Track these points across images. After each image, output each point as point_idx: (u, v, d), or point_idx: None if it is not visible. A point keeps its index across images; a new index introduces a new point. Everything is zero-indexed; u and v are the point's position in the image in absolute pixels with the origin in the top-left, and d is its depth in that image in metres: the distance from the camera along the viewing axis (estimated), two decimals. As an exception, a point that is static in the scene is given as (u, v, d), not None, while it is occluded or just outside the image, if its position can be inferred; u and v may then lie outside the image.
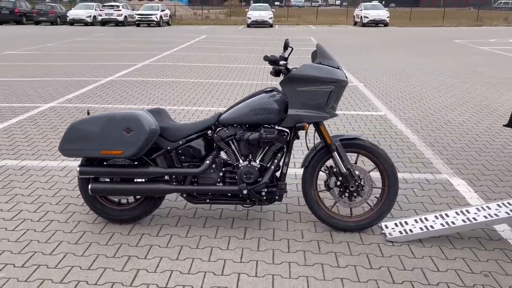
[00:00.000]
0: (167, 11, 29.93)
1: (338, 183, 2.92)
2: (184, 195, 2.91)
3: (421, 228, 2.89)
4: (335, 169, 2.92)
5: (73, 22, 28.36)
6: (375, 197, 3.09)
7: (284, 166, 2.91)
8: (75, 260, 2.58)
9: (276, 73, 2.85)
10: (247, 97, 2.90)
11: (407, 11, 39.41)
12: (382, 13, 28.42)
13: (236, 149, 2.89)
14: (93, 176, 2.87)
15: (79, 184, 2.95)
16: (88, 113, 2.89)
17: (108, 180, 2.90)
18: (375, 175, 3.24)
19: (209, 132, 2.92)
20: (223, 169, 2.92)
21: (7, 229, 2.94)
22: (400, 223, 3.02)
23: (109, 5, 28.83)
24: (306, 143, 3.03)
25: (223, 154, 2.95)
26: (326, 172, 2.96)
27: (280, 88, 2.89)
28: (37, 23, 29.10)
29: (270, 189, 2.90)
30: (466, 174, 4.04)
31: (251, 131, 2.87)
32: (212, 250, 2.72)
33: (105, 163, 2.92)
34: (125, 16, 28.31)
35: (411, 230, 2.89)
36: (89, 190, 2.84)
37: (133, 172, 2.83)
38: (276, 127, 2.90)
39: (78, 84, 8.16)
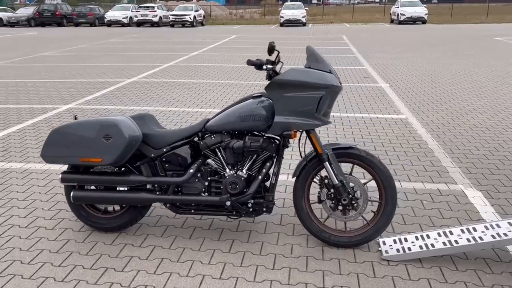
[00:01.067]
0: (201, 12, 30.17)
1: (331, 195, 2.72)
2: (168, 205, 2.80)
3: (420, 247, 2.64)
4: (326, 181, 2.72)
5: (110, 24, 29.12)
6: (372, 211, 2.87)
7: (273, 176, 2.75)
8: (51, 270, 2.52)
9: (270, 77, 2.69)
10: (235, 103, 2.75)
11: (449, 7, 37.89)
12: (420, 10, 27.43)
13: (223, 157, 2.75)
14: (75, 184, 2.81)
15: (65, 191, 2.90)
16: (76, 118, 2.83)
17: (91, 188, 2.84)
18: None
19: (196, 139, 2.79)
20: (209, 178, 2.78)
21: (-5, 234, 2.93)
22: (400, 239, 2.78)
23: (144, 7, 29.38)
24: (300, 152, 2.85)
25: (209, 163, 2.82)
26: (318, 183, 2.77)
27: None
28: (77, 25, 30.09)
29: (257, 201, 2.74)
30: (484, 185, 3.72)
31: (239, 138, 2.72)
32: (193, 264, 2.59)
33: (91, 170, 2.86)
34: (160, 17, 28.76)
35: (409, 248, 2.65)
36: (71, 198, 2.78)
37: (114, 180, 2.75)
38: (267, 135, 2.73)
39: (101, 85, 8.27)
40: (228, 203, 2.69)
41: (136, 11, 28.94)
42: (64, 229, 2.99)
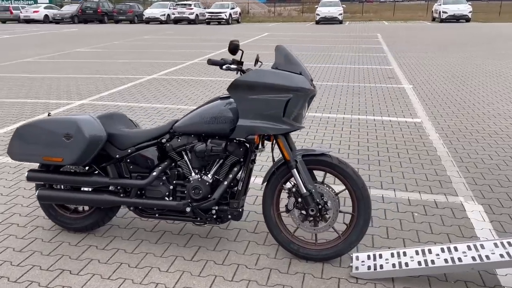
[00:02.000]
0: (237, 9, 30.20)
1: (299, 205, 2.55)
2: (132, 208, 2.72)
3: (393, 265, 2.43)
4: (294, 189, 2.55)
5: (148, 21, 29.67)
6: (344, 223, 2.67)
7: (240, 182, 2.60)
8: (8, 270, 2.50)
9: None
10: (204, 103, 2.63)
11: (499, 4, 36.00)
12: (463, 8, 26.20)
13: (189, 160, 2.64)
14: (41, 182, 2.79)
15: (35, 189, 2.88)
16: (49, 115, 2.80)
17: (57, 187, 2.80)
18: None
19: (164, 140, 2.69)
20: (174, 182, 2.68)
21: (-31, 229, 2.96)
22: (374, 255, 2.57)
23: (181, 4, 29.73)
24: (273, 157, 2.69)
25: (176, 166, 2.71)
26: (286, 191, 2.60)
27: None
28: (117, 21, 30.91)
29: (221, 208, 2.61)
30: (488, 198, 3.41)
31: (205, 141, 2.60)
32: (150, 271, 2.49)
33: (60, 169, 2.83)
34: (197, 15, 29.01)
35: (381, 266, 2.44)
36: (36, 196, 2.76)
37: (77, 181, 2.69)
38: (233, 138, 2.59)
39: (119, 82, 8.37)
40: (188, 209, 2.58)
41: (174, 9, 29.34)
42: (35, 227, 2.98)
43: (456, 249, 2.44)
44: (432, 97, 6.89)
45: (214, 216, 2.61)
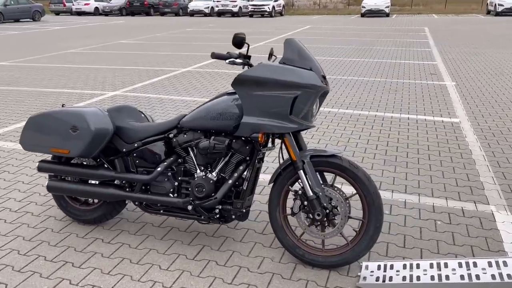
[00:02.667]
0: (281, 1, 29.93)
1: (306, 208, 2.41)
2: (137, 203, 2.69)
3: (404, 278, 2.25)
4: (301, 192, 2.42)
5: (193, 13, 30.00)
6: (354, 230, 2.51)
7: (245, 182, 2.50)
8: (14, 259, 2.53)
9: None
10: (212, 98, 2.54)
11: None
12: (522, 0, 24.60)
13: (194, 157, 2.57)
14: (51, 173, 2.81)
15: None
16: (63, 106, 2.81)
17: (66, 179, 2.81)
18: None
19: (171, 135, 2.63)
20: (180, 178, 2.62)
21: (-13, 216, 3.04)
22: (385, 266, 2.40)
23: (226, -3, 29.80)
24: (279, 157, 2.57)
25: (182, 162, 2.64)
26: (292, 193, 2.47)
27: None
28: (163, 14, 31.46)
29: (224, 207, 2.52)
30: (523, 208, 3.12)
31: (210, 138, 2.51)
32: (150, 268, 2.45)
33: (71, 161, 2.84)
34: (240, 7, 29.00)
35: (391, 278, 2.27)
36: (46, 187, 2.78)
37: (85, 173, 2.69)
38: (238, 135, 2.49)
39: (154, 74, 8.47)
40: (189, 207, 2.50)
41: (217, 1, 29.47)
42: (48, 217, 3.02)
43: (475, 264, 2.22)
44: (475, 96, 6.46)
45: (218, 216, 2.53)
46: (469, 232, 2.83)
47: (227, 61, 2.36)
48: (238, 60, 2.37)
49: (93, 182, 2.73)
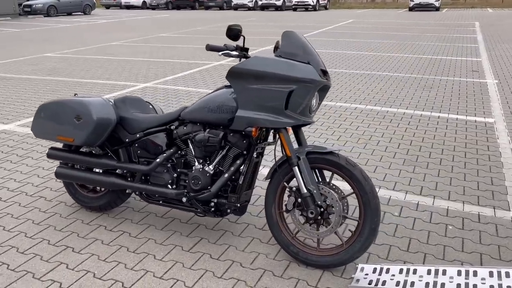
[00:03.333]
0: (325, -5, 29.45)
1: (300, 205, 2.35)
2: (137, 193, 2.73)
3: (398, 283, 2.15)
4: (295, 188, 2.36)
5: (236, 7, 30.13)
6: (350, 230, 2.42)
7: (241, 176, 2.47)
8: (20, 241, 2.64)
9: None
10: (213, 91, 2.53)
11: None
12: None
13: (193, 149, 2.57)
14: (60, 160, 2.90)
15: (59, 166, 3.02)
16: (75, 96, 2.89)
17: (73, 166, 2.90)
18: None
19: (173, 127, 2.64)
20: (179, 170, 2.63)
21: None
22: (381, 269, 2.30)
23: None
24: (274, 153, 2.52)
25: (182, 154, 2.65)
26: (285, 188, 2.42)
27: None
28: (207, 8, 31.79)
29: (219, 201, 2.51)
30: (547, 217, 2.90)
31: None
32: (145, 258, 2.48)
33: (80, 150, 2.92)
34: (284, 1, 28.79)
35: (384, 282, 2.17)
36: (54, 173, 2.88)
37: (89, 161, 2.76)
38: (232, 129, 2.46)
39: (187, 66, 8.57)
40: (184, 199, 2.51)
41: (261, -5, 29.41)
42: (59, 202, 3.13)
43: (475, 273, 2.09)
44: (517, 95, 6.08)
45: (213, 209, 2.52)
46: (481, 239, 2.67)
47: (220, 53, 2.33)
48: (234, 53, 2.34)
49: (97, 170, 2.80)
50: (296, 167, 2.31)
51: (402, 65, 8.43)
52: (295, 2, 27.92)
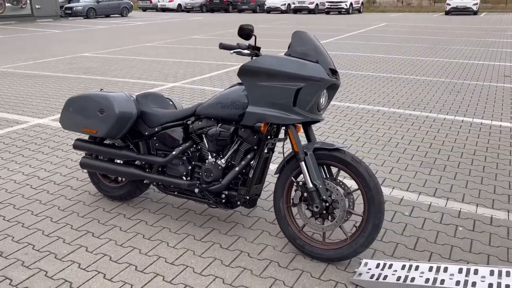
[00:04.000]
0: (359, -2, 29.20)
1: (306, 200, 2.43)
2: (154, 184, 2.88)
3: (398, 278, 2.19)
4: (301, 183, 2.44)
5: (269, 10, 30.32)
6: (354, 225, 2.48)
7: (251, 170, 2.57)
8: (46, 224, 2.84)
9: None
10: (227, 88, 2.65)
11: None
12: None
13: (207, 143, 2.69)
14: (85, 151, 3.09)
15: (85, 158, 3.21)
16: (101, 90, 3.08)
17: (97, 157, 3.08)
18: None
19: (189, 122, 2.78)
20: (193, 163, 2.76)
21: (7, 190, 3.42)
22: (384, 264, 2.35)
23: (303, -7, 29.71)
24: (283, 149, 2.60)
25: (197, 148, 2.77)
26: (293, 183, 2.50)
27: None
28: (240, 11, 32.14)
29: (230, 193, 2.61)
30: None
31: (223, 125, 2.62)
32: (159, 245, 2.62)
33: (104, 142, 3.10)
34: (317, 4, 28.76)
35: (385, 277, 2.22)
36: (79, 163, 3.07)
37: (111, 153, 2.93)
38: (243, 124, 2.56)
39: (215, 68, 8.76)
40: (196, 190, 2.63)
41: (295, -2, 29.48)
42: (83, 191, 3.33)
43: (476, 272, 2.11)
44: (548, 100, 5.91)
45: (224, 201, 2.63)
46: (491, 240, 2.66)
47: (232, 51, 2.45)
48: (245, 51, 2.45)
49: (118, 161, 2.97)
50: (303, 162, 2.39)
51: (431, 69, 8.32)
52: (328, 5, 27.82)
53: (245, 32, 2.36)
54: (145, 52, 11.11)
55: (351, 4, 27.57)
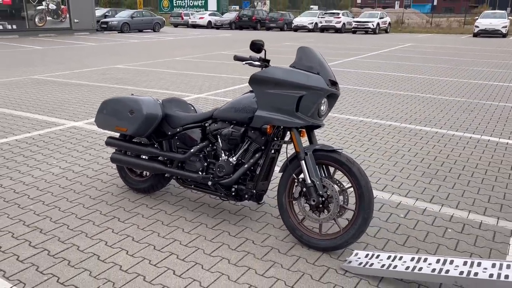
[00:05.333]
0: (387, 19, 29.44)
1: (304, 194, 2.75)
2: (174, 177, 3.25)
3: (383, 265, 2.47)
4: (301, 179, 2.76)
5: (297, 29, 30.90)
6: (346, 219, 2.77)
7: (258, 168, 2.91)
8: (79, 209, 3.25)
9: None
10: (241, 95, 3.02)
11: None
12: None
13: (221, 143, 3.05)
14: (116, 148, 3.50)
15: (117, 154, 3.62)
16: (132, 95, 3.50)
17: (126, 153, 3.48)
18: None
19: (207, 124, 3.15)
20: (208, 160, 3.12)
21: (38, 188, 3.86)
22: (372, 255, 2.63)
23: (330, 13, 30.21)
24: (286, 150, 2.93)
25: (213, 147, 3.14)
26: (294, 180, 2.82)
27: None
28: (268, 28, 32.87)
29: (239, 187, 2.96)
30: (548, 229, 3.06)
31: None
32: (175, 230, 2.96)
33: (133, 140, 3.51)
34: (343, 24, 29.17)
35: (372, 265, 2.51)
36: (110, 158, 3.48)
37: (138, 149, 3.33)
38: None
39: (240, 81, 9.20)
40: (209, 182, 2.99)
41: (321, 17, 29.99)
42: (112, 184, 3.74)
43: (452, 262, 2.37)
44: (561, 122, 6.03)
45: (233, 194, 2.98)
46: (476, 242, 2.90)
47: (244, 62, 2.82)
48: (256, 63, 2.81)
49: (144, 157, 3.37)
50: (303, 161, 2.71)
51: (448, 89, 8.51)
52: (355, 24, 28.18)
53: (256, 46, 2.73)
54: (174, 65, 11.69)
55: (377, 24, 27.84)
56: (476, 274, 2.19)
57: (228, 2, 48.16)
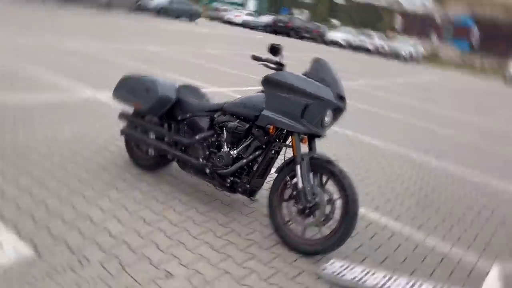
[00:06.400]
0: (420, 49, 29.34)
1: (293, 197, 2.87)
2: (176, 160, 3.40)
3: (354, 278, 2.58)
4: (293, 182, 2.88)
5: (329, 43, 30.97)
6: (330, 227, 2.87)
7: (256, 164, 3.04)
8: (113, 192, 3.42)
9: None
10: (252, 94, 3.16)
11: None
12: None
13: (225, 135, 3.18)
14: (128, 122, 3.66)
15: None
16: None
17: (136, 128, 3.64)
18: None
19: (215, 115, 3.29)
20: (211, 149, 3.26)
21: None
22: (347, 266, 2.74)
23: (366, 34, 30.21)
24: (285, 154, 3.06)
25: (216, 137, 3.27)
26: (287, 182, 2.94)
27: None
28: (301, 38, 32.97)
29: (234, 179, 3.09)
30: (525, 276, 3.12)
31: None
32: (186, 220, 3.02)
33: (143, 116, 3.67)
34: (377, 47, 29.13)
35: (343, 275, 2.61)
36: (120, 130, 3.65)
37: (147, 127, 3.49)
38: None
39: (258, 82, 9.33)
40: (207, 170, 3.13)
41: (356, 37, 30.00)
42: (125, 165, 3.89)
43: (420, 286, 2.46)
44: None
45: (228, 185, 3.11)
46: (452, 275, 2.98)
47: (259, 62, 2.95)
48: (271, 64, 2.95)
49: (151, 136, 3.52)
50: (299, 166, 2.84)
51: (461, 126, 8.53)
52: (388, 50, 28.14)
53: (274, 49, 2.86)
54: (203, 57, 11.90)
55: (410, 53, 27.75)
56: (439, 301, 2.29)
57: (268, 6, 48.37)
